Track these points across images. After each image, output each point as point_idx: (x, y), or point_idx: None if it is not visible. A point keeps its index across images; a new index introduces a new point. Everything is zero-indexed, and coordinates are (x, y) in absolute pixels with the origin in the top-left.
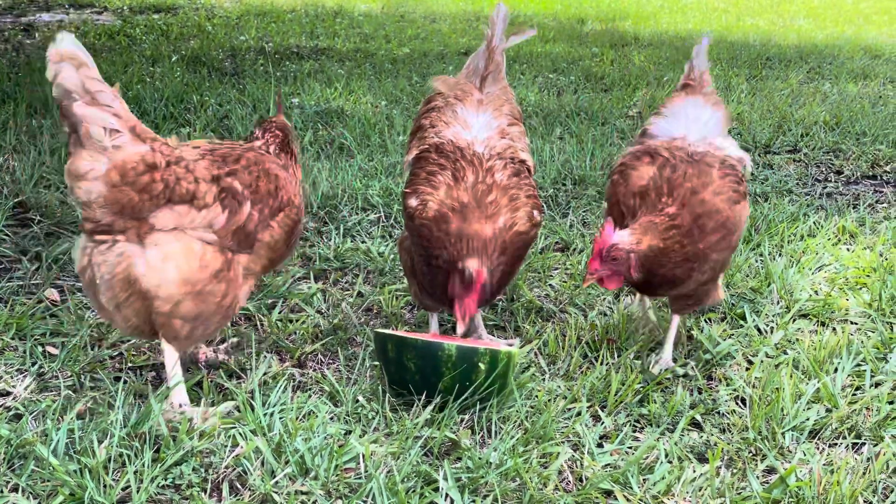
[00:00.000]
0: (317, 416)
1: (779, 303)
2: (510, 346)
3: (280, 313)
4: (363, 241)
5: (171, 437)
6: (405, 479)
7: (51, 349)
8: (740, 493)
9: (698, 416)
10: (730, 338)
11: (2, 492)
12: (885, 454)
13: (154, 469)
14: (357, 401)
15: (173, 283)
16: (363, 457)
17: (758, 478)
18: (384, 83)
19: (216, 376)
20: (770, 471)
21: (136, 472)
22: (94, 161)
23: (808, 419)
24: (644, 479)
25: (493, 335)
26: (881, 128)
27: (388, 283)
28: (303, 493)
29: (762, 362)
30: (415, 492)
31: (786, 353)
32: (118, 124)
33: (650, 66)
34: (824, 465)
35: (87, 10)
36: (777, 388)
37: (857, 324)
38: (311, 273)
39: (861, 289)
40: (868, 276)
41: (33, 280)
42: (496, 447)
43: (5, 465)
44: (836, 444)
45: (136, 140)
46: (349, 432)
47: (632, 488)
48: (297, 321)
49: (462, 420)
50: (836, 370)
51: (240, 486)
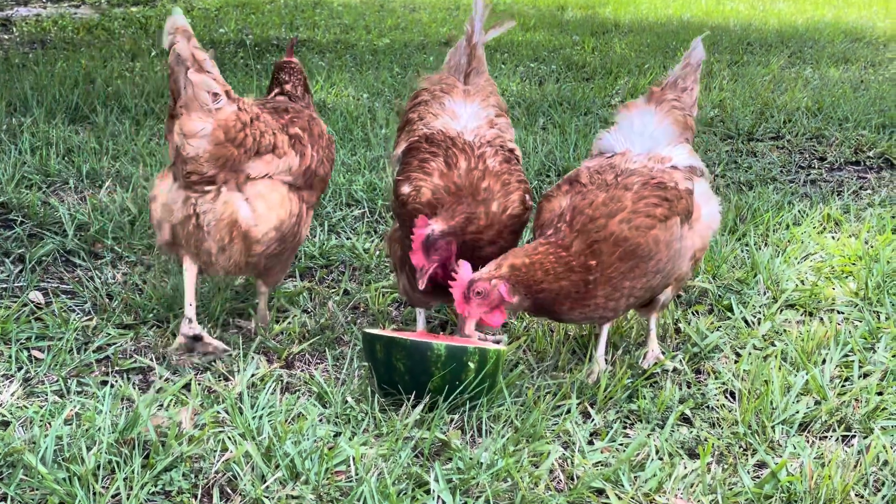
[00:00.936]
0: (306, 419)
1: (765, 293)
2: (497, 342)
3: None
4: (348, 238)
5: (160, 442)
6: (396, 482)
7: (36, 353)
8: (732, 489)
9: (688, 411)
10: (717, 330)
11: None
12: (875, 447)
13: (144, 476)
14: (346, 402)
15: (271, 227)
16: (354, 459)
17: (749, 472)
18: (365, 75)
19: (204, 379)
20: (761, 465)
21: (125, 479)
22: (203, 122)
23: (797, 412)
24: (635, 477)
25: (480, 332)
26: (863, 113)
27: (374, 281)
28: (294, 498)
29: (750, 354)
30: (406, 494)
31: (773, 344)
32: (219, 88)
33: (631, 53)
34: (815, 458)
35: (64, 4)
36: (766, 381)
37: (843, 313)
38: (297, 271)
39: (847, 277)
40: (853, 264)
41: (17, 283)
42: (487, 447)
43: None
44: (826, 436)
45: (230, 101)
46: (338, 434)
47: (623, 486)
48: (283, 321)
49: (451, 420)
50: (823, 361)
51: (230, 492)
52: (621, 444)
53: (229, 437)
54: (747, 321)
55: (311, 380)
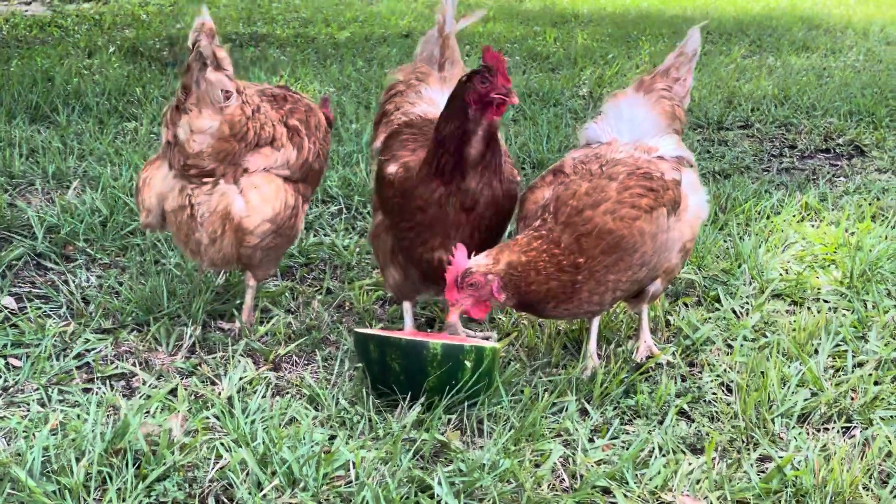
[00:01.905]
0: (301, 423)
1: (751, 283)
2: (486, 339)
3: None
4: (326, 235)
5: (151, 451)
6: (399, 486)
7: (14, 361)
8: (737, 485)
9: (686, 406)
10: (707, 322)
11: None
12: (878, 438)
13: (136, 486)
14: (339, 404)
15: (265, 219)
16: (353, 464)
17: (753, 467)
18: (329, 69)
19: (190, 383)
20: (763, 459)
21: (118, 491)
22: (213, 119)
23: (795, 404)
24: (640, 475)
25: (469, 329)
26: (830, 100)
27: (356, 278)
28: None
29: (742, 346)
30: (409, 499)
31: (765, 335)
32: (232, 86)
33: (594, 43)
34: (819, 451)
35: (14, 1)
36: (763, 373)
37: (829, 302)
38: (277, 271)
39: (830, 266)
40: (835, 252)
41: None
42: (488, 448)
43: None
44: (826, 428)
45: (237, 96)
46: (333, 437)
47: (629, 485)
48: (267, 322)
49: (449, 420)
50: (816, 352)
51: (227, 501)
52: (623, 442)
53: (222, 444)
54: (736, 312)
55: (301, 382)
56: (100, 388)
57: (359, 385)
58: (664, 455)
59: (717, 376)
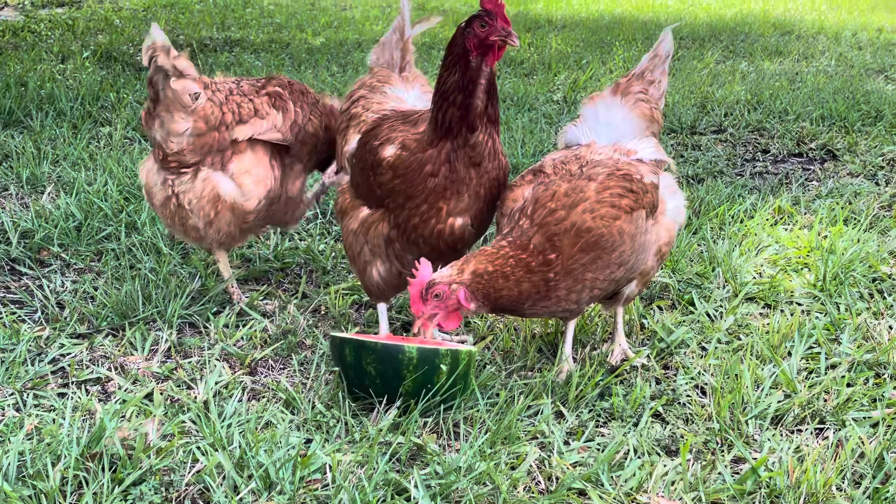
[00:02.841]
0: (277, 427)
1: (725, 287)
2: (461, 342)
3: (227, 318)
4: (302, 240)
5: (127, 455)
6: (375, 489)
7: None
8: (712, 486)
9: (660, 408)
10: (682, 325)
11: None
12: (851, 439)
13: (113, 491)
14: (316, 408)
15: (262, 197)
16: (330, 467)
17: (727, 467)
18: (304, 74)
19: (166, 388)
20: (738, 460)
21: (94, 495)
22: (185, 122)
23: (769, 406)
24: (615, 476)
25: (445, 333)
26: (802, 105)
27: (332, 283)
28: None
29: (716, 349)
30: (386, 502)
31: (739, 338)
32: (198, 87)
33: (568, 48)
34: (792, 452)
35: None
36: (737, 376)
37: (802, 305)
38: (252, 276)
39: (803, 269)
40: (808, 255)
41: None
42: (464, 451)
43: None
44: (799, 429)
45: (206, 91)
46: (309, 441)
47: (604, 486)
48: (244, 326)
49: (425, 423)
50: (789, 354)
51: None
52: (598, 444)
53: (199, 448)
54: (710, 315)
55: (277, 386)
56: (75, 393)
57: (335, 389)
58: (639, 457)
59: (692, 379)
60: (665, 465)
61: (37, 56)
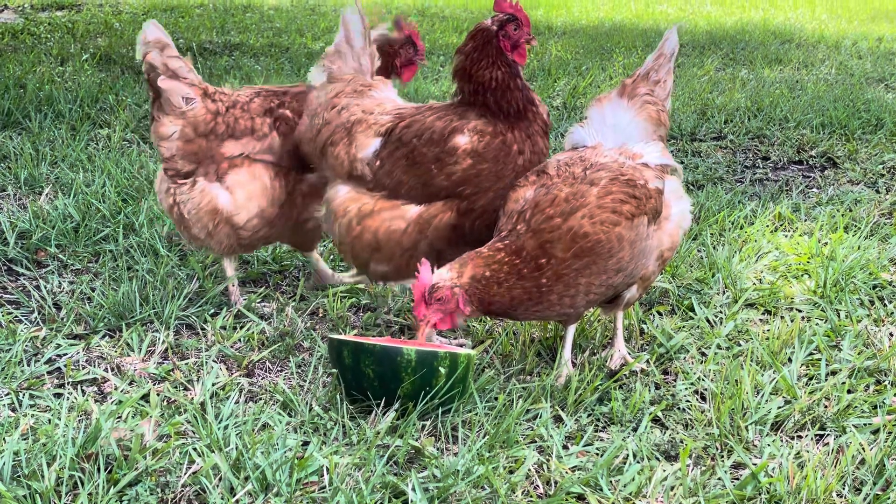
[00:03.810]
0: (274, 429)
1: (725, 293)
2: (461, 346)
3: (224, 320)
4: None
5: (123, 456)
6: (372, 492)
7: None
8: (711, 492)
9: (660, 413)
10: (681, 330)
11: None
12: (852, 445)
13: (108, 491)
14: (313, 410)
15: (253, 215)
16: (327, 470)
17: (726, 473)
18: (304, 78)
19: (163, 389)
20: (738, 466)
21: (89, 496)
22: (174, 125)
23: (769, 412)
24: (614, 481)
25: (444, 337)
26: (803, 113)
27: (330, 286)
28: None
29: (716, 354)
30: None
31: (738, 344)
32: (192, 92)
33: (567, 55)
34: (793, 458)
35: None
36: (736, 381)
37: (802, 311)
38: (250, 278)
39: (803, 276)
40: (809, 262)
41: None
42: (462, 454)
43: None
44: (800, 435)
45: (204, 98)
46: (307, 443)
47: (603, 491)
48: (241, 328)
49: (423, 426)
50: (790, 360)
51: None
52: (597, 448)
53: (195, 449)
54: (710, 321)
55: (275, 388)
56: (71, 394)
57: (332, 391)
58: (638, 462)
59: (691, 384)
60: (664, 470)
61: (36, 58)
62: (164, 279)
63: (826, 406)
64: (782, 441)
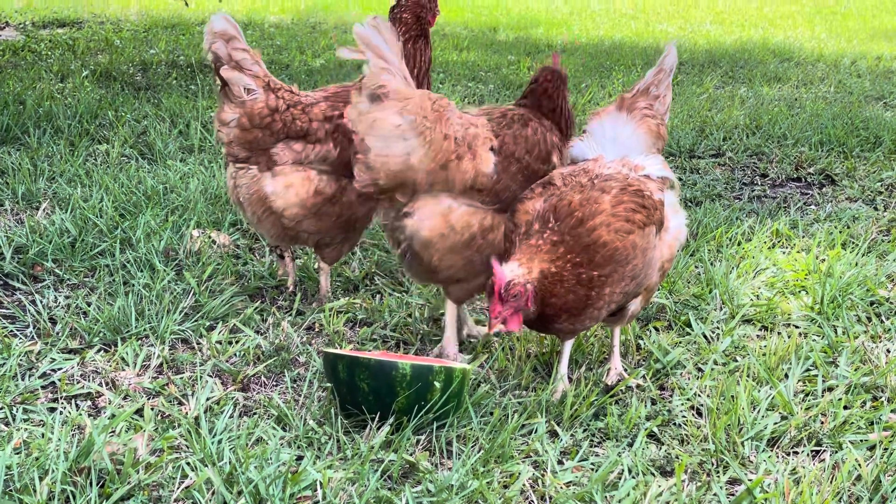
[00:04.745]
0: (268, 443)
1: (722, 309)
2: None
3: (220, 335)
4: (298, 258)
5: (115, 470)
6: None
7: None
8: None
9: (655, 429)
10: (678, 346)
11: None
12: (848, 462)
13: None
14: (307, 424)
15: (291, 204)
16: (320, 484)
17: (722, 489)
18: None
19: (157, 403)
20: (733, 482)
21: None
22: (234, 112)
23: (765, 427)
24: (609, 496)
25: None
26: (801, 130)
27: (327, 300)
28: None
29: (712, 370)
30: None
31: (735, 360)
32: (254, 83)
33: (567, 72)
34: (788, 474)
35: None
36: (733, 397)
37: (799, 327)
38: (247, 292)
39: (800, 292)
40: (806, 278)
41: None
42: (457, 469)
43: None
44: (796, 451)
45: (266, 92)
46: (301, 458)
47: None
48: (236, 342)
49: (418, 441)
50: (786, 376)
51: None
52: (592, 464)
53: (188, 464)
54: (707, 337)
55: (269, 402)
56: (65, 408)
57: (327, 405)
58: (634, 477)
59: (688, 399)
60: (659, 486)
61: (36, 75)
62: (160, 294)
63: (822, 422)
64: (778, 457)
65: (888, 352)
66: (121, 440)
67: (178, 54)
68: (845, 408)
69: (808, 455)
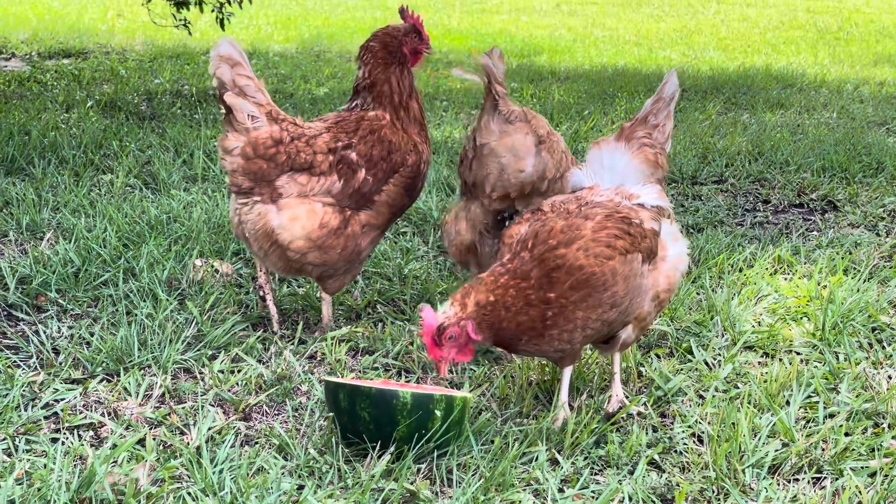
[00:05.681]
0: (269, 472)
1: (723, 335)
2: (457, 388)
3: (222, 364)
4: (300, 287)
5: (117, 500)
6: None
7: None
8: None
9: (656, 456)
10: (679, 373)
11: None
12: (848, 489)
13: None
14: (309, 453)
15: (297, 237)
16: None
17: None
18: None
19: (159, 433)
20: None
21: None
22: (238, 140)
23: (766, 454)
24: None
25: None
26: (804, 156)
27: (329, 329)
28: None
29: (714, 397)
30: None
31: (737, 387)
32: (258, 111)
33: (570, 99)
34: (789, 501)
35: None
36: (734, 424)
37: (801, 354)
38: (249, 321)
39: (802, 318)
40: (808, 304)
41: None
42: (457, 497)
43: None
44: (797, 478)
45: (270, 121)
46: (302, 487)
47: None
48: (238, 372)
49: (419, 470)
50: (787, 403)
51: None
52: (593, 492)
53: (189, 493)
54: (708, 364)
55: (271, 431)
56: (67, 438)
57: (328, 434)
58: None
59: (689, 427)
60: None
61: (41, 105)
62: (162, 323)
63: (823, 449)
64: (779, 484)
65: (889, 378)
66: (122, 470)
67: (183, 84)
68: (846, 434)
69: (808, 482)
